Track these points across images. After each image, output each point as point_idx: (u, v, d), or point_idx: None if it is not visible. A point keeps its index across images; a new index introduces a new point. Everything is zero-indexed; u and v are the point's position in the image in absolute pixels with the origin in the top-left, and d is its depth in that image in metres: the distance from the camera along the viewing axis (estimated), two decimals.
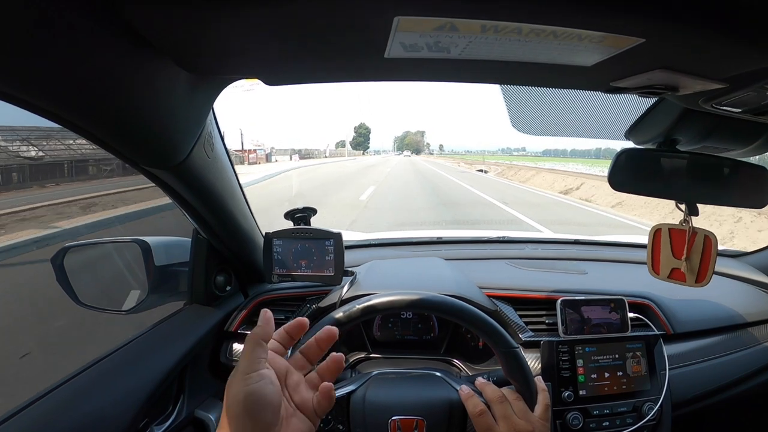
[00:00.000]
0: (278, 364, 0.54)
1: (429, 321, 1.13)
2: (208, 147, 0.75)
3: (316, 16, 0.40)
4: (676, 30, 0.40)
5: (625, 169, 0.79)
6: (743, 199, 0.80)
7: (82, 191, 7.60)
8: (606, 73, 0.53)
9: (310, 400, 0.54)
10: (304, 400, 0.54)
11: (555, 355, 0.99)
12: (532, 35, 0.41)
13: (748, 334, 1.17)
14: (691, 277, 0.80)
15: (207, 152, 0.75)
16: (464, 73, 0.57)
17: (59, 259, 0.97)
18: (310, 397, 0.54)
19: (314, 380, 0.56)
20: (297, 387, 0.55)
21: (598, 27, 0.39)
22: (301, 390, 0.55)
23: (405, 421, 0.79)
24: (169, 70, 0.52)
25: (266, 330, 0.52)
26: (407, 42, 0.44)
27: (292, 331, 0.57)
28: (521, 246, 1.60)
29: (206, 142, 0.74)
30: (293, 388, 0.55)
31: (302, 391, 0.55)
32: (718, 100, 0.59)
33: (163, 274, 1.03)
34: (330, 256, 1.05)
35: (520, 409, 0.77)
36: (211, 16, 0.40)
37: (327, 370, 0.57)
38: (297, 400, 0.54)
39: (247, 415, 0.48)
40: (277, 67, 0.57)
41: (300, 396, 0.54)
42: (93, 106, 0.50)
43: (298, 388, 0.55)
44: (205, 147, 0.74)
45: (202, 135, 0.71)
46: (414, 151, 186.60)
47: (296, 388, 0.55)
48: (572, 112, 0.78)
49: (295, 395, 0.54)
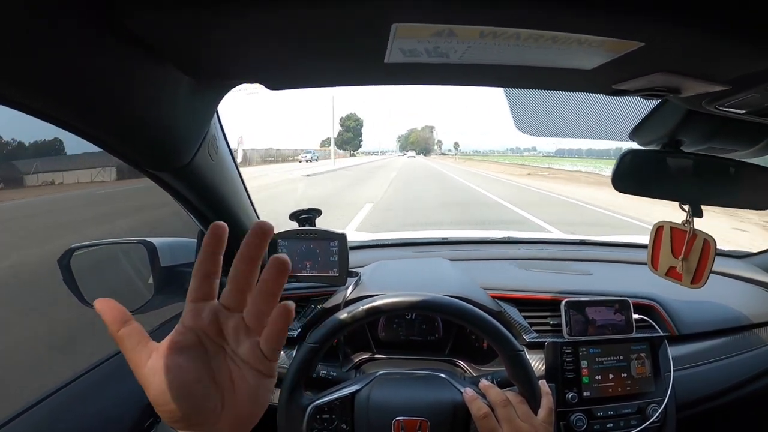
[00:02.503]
0: (203, 318, 0.40)
1: (433, 322, 1.13)
2: (213, 150, 0.76)
3: (316, 22, 0.40)
4: (676, 33, 0.40)
5: (629, 171, 0.79)
6: (748, 200, 0.80)
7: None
8: (607, 76, 0.53)
9: (255, 348, 0.40)
10: (250, 350, 0.40)
11: (559, 357, 0.99)
12: (530, 40, 0.41)
13: (753, 336, 1.17)
14: (687, 277, 0.80)
15: (211, 155, 0.76)
16: (465, 77, 0.58)
17: (65, 259, 0.98)
18: (254, 344, 0.40)
19: (251, 315, 0.40)
20: (237, 336, 0.41)
21: (596, 32, 0.39)
22: (242, 338, 0.41)
23: (409, 421, 0.80)
24: (172, 74, 0.53)
25: (113, 317, 0.39)
26: (406, 48, 0.44)
27: (205, 265, 0.41)
28: (526, 246, 1.59)
29: (210, 145, 0.74)
30: (233, 339, 0.41)
31: (243, 339, 0.41)
32: (721, 101, 0.59)
33: (168, 275, 1.03)
34: (335, 256, 1.05)
35: (523, 413, 0.77)
36: (212, 21, 0.41)
37: (262, 296, 0.40)
38: (242, 353, 0.40)
39: (171, 415, 0.39)
40: (278, 71, 0.57)
41: (244, 347, 0.40)
42: (96, 111, 0.50)
43: (239, 338, 0.41)
44: (209, 150, 0.74)
45: (206, 138, 0.72)
46: (421, 151, 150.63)
47: (237, 339, 0.41)
48: (576, 114, 0.78)
49: (239, 348, 0.40)
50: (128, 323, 0.40)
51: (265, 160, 46.58)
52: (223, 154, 0.83)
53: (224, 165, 0.84)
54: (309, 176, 20.73)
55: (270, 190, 13.61)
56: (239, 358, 0.41)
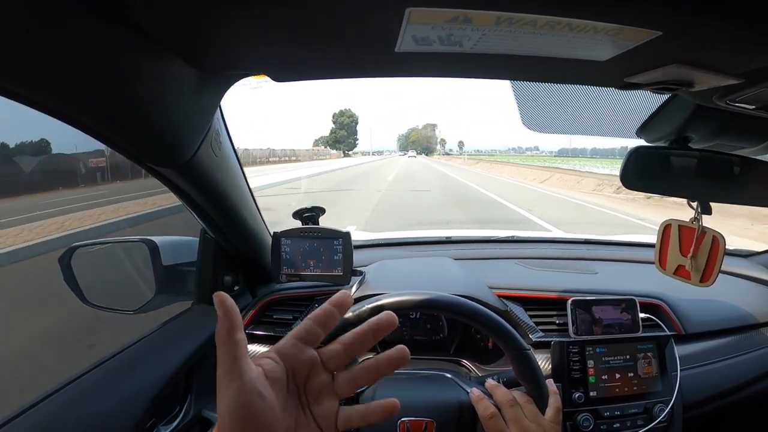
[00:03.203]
0: (302, 359, 0.41)
1: (438, 321, 1.12)
2: (216, 145, 0.75)
3: (326, 9, 0.40)
4: (694, 23, 0.39)
5: (636, 168, 0.78)
6: (756, 197, 0.79)
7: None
8: (620, 68, 0.53)
9: (334, 412, 0.42)
10: (328, 412, 0.42)
11: (565, 356, 0.98)
12: (546, 27, 0.40)
13: (760, 335, 1.16)
14: (696, 275, 0.79)
15: (214, 150, 0.75)
16: (476, 69, 0.57)
17: (66, 258, 0.97)
18: (334, 409, 0.42)
19: (346, 383, 0.43)
20: (320, 393, 0.42)
21: (614, 19, 0.38)
22: (326, 397, 0.42)
23: (414, 422, 0.79)
24: (177, 67, 0.52)
25: (231, 321, 0.38)
26: (419, 35, 0.43)
27: (325, 317, 0.43)
28: (531, 246, 1.59)
29: (213, 140, 0.74)
30: (315, 393, 0.42)
31: (326, 399, 0.42)
32: (732, 96, 0.58)
33: (170, 274, 1.03)
34: (339, 255, 1.04)
35: (530, 413, 0.76)
36: (219, 13, 0.40)
37: (366, 372, 0.43)
38: (318, 411, 0.42)
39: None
40: (285, 63, 0.56)
41: (323, 407, 0.42)
42: (99, 104, 0.50)
43: (322, 395, 0.42)
44: (212, 145, 0.73)
45: (209, 133, 0.71)
46: (423, 151, 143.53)
47: (319, 395, 0.42)
48: (583, 110, 0.77)
49: (315, 404, 0.42)
50: (240, 332, 0.39)
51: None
52: (227, 150, 0.82)
53: (227, 161, 0.83)
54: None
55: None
56: (311, 413, 0.42)
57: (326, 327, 0.43)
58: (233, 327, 0.38)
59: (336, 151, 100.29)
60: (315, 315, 0.43)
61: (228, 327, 0.38)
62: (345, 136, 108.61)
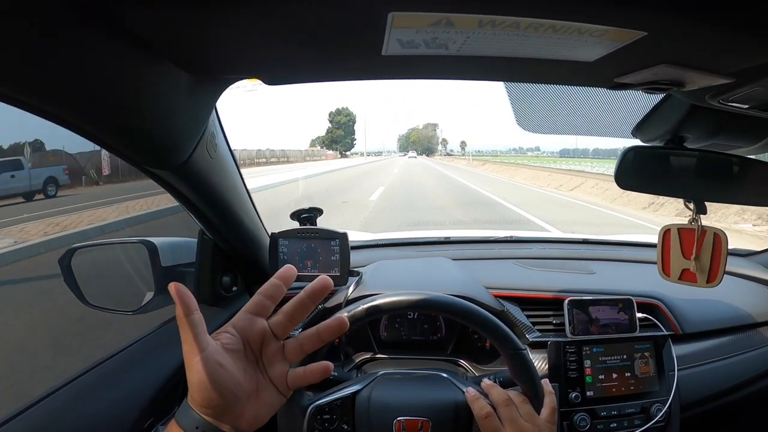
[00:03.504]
0: (254, 330, 0.50)
1: (435, 321, 1.13)
2: (211, 147, 0.76)
3: (311, 14, 0.40)
4: (679, 23, 0.39)
5: (632, 168, 0.78)
6: (752, 196, 0.79)
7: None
8: (609, 68, 0.53)
9: (284, 374, 0.51)
10: (279, 374, 0.51)
11: (562, 356, 0.99)
12: (530, 29, 0.40)
13: (758, 335, 1.16)
14: (702, 277, 0.78)
15: (210, 152, 0.76)
16: (464, 70, 0.57)
17: (66, 260, 0.98)
18: (285, 371, 0.51)
19: (294, 349, 0.51)
20: (274, 358, 0.51)
21: (598, 20, 0.38)
22: (278, 362, 0.51)
23: (410, 422, 0.79)
24: (169, 71, 0.53)
25: (186, 304, 0.46)
26: (404, 39, 0.43)
27: (272, 289, 0.51)
28: (529, 246, 1.58)
29: (209, 143, 0.74)
30: (270, 358, 0.51)
31: (278, 363, 0.51)
32: (725, 95, 0.58)
33: (169, 275, 1.03)
34: (336, 256, 1.05)
35: (526, 412, 0.76)
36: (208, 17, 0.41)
37: (309, 339, 0.51)
38: (272, 374, 0.51)
39: (204, 401, 0.46)
40: (276, 66, 0.57)
41: (276, 369, 0.51)
42: (93, 108, 0.50)
43: (275, 360, 0.51)
44: (207, 147, 0.74)
45: (204, 135, 0.71)
46: (424, 151, 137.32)
47: (273, 360, 0.51)
48: (578, 110, 0.77)
49: (270, 367, 0.51)
50: (196, 312, 0.47)
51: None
52: (223, 152, 0.83)
53: (224, 163, 0.84)
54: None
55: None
56: (268, 376, 0.50)
57: (274, 299, 0.51)
58: (188, 309, 0.46)
59: (332, 151, 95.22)
60: (263, 289, 0.51)
61: (184, 309, 0.46)
62: (342, 135, 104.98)
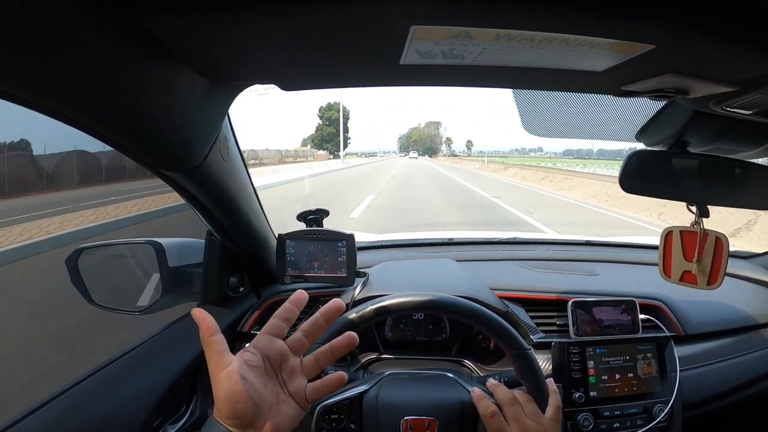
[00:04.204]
0: (273, 349, 0.55)
1: (441, 322, 1.13)
2: (224, 151, 0.77)
3: (333, 25, 0.41)
4: (687, 36, 0.41)
5: (636, 171, 0.79)
6: (755, 200, 0.80)
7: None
8: (617, 77, 0.54)
9: (303, 388, 0.55)
10: (298, 388, 0.55)
11: (566, 357, 0.99)
12: (544, 42, 0.41)
13: (759, 336, 1.17)
14: (703, 279, 0.79)
15: (222, 156, 0.76)
16: (478, 78, 0.58)
17: (73, 260, 0.99)
18: (303, 386, 0.56)
19: (310, 365, 0.57)
20: (293, 374, 0.56)
21: (609, 34, 0.40)
22: (296, 377, 0.56)
23: (417, 421, 0.80)
24: (187, 76, 0.53)
25: (208, 327, 0.53)
26: (422, 49, 0.45)
27: (285, 313, 0.58)
28: (532, 247, 1.59)
29: (222, 146, 0.75)
30: (289, 374, 0.56)
31: (297, 378, 0.56)
32: (728, 102, 0.59)
33: (176, 275, 1.04)
34: (342, 257, 1.05)
35: (531, 411, 0.77)
36: (229, 23, 0.41)
37: (324, 355, 0.58)
38: (291, 388, 0.55)
39: (230, 412, 0.50)
40: (293, 72, 0.58)
41: (294, 384, 0.55)
42: (110, 111, 0.51)
43: (294, 375, 0.56)
44: (220, 151, 0.75)
45: (217, 139, 0.72)
46: (426, 151, 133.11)
47: (292, 375, 0.56)
48: (583, 115, 0.78)
49: (289, 383, 0.55)
50: (218, 333, 0.53)
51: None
52: (234, 155, 0.84)
53: (235, 166, 0.85)
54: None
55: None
56: (287, 390, 0.55)
57: (288, 321, 0.57)
58: (211, 330, 0.52)
59: (323, 151, 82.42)
60: (278, 313, 0.57)
61: (206, 332, 0.52)
62: (334, 133, 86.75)
